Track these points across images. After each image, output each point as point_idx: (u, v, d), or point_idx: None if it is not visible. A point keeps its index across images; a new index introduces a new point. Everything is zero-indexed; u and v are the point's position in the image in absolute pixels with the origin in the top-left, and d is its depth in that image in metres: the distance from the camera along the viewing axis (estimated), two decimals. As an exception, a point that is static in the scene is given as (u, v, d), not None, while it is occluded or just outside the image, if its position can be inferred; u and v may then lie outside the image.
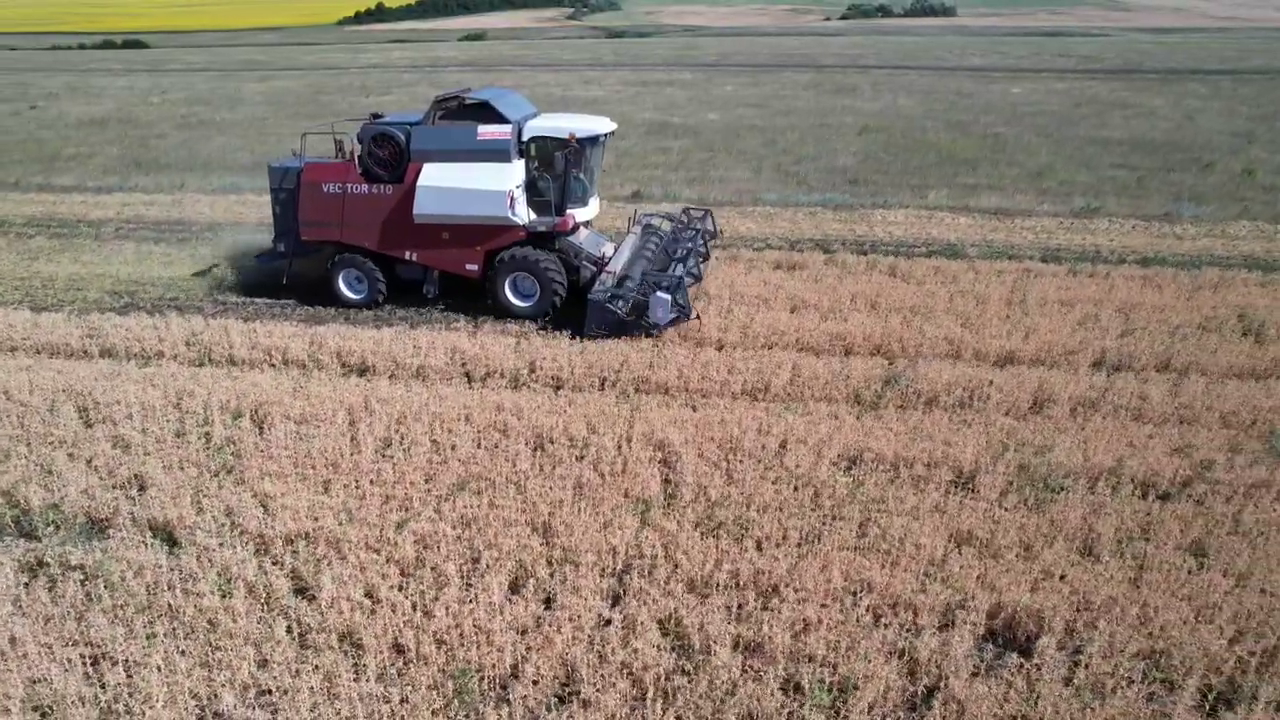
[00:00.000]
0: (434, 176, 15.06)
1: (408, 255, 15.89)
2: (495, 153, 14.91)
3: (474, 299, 16.01)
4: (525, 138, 15.10)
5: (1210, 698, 6.87)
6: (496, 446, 10.64)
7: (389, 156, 15.35)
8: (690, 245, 16.46)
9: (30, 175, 28.57)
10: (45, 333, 14.66)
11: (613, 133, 16.07)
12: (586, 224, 16.87)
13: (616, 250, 16.19)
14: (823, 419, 11.33)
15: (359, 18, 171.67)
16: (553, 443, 10.67)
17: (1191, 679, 6.93)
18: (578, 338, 14.23)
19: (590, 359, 13.24)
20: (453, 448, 10.57)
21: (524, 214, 15.24)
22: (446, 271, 16.01)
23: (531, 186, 15.30)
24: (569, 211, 15.43)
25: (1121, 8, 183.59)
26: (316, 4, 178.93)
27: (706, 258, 17.36)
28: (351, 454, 10.49)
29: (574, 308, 15.05)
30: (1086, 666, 7.01)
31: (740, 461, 10.20)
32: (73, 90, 54.48)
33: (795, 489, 9.66)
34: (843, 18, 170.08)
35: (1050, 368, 13.12)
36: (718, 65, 69.17)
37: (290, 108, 45.56)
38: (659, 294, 13.73)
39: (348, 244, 16.00)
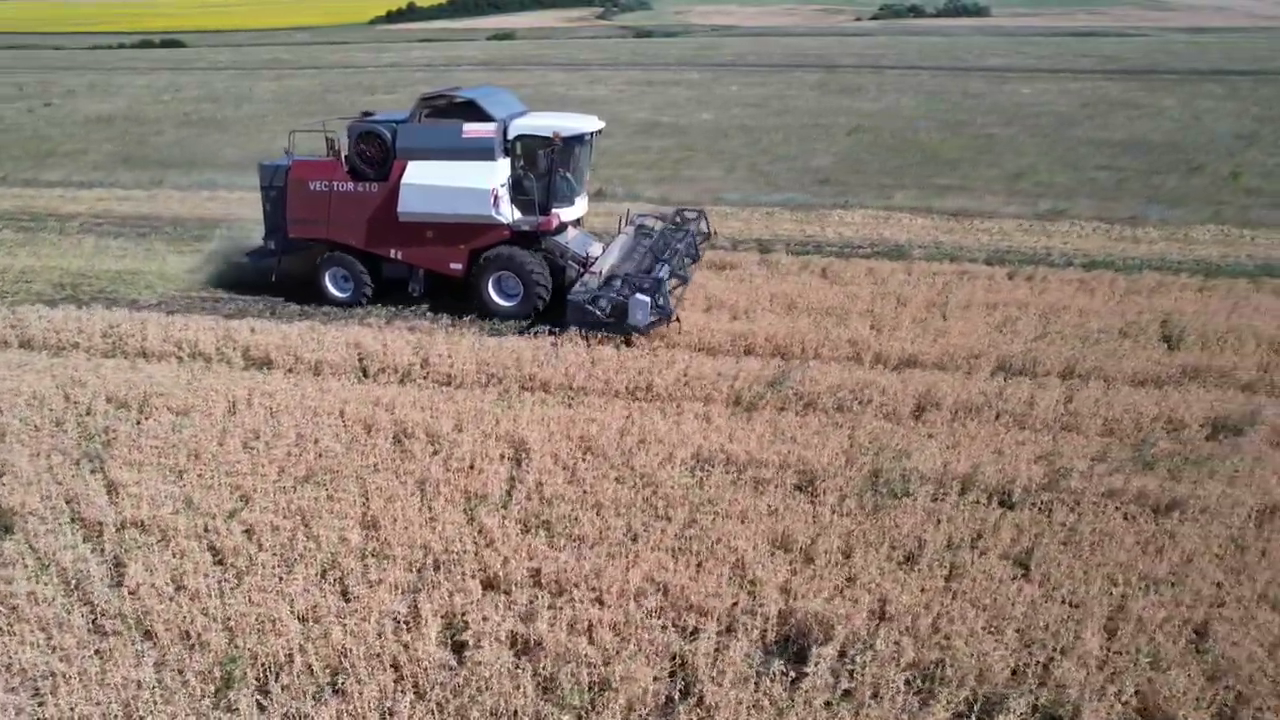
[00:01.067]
0: (418, 174, 15.07)
1: (393, 254, 15.91)
2: (479, 151, 14.87)
3: (461, 298, 15.91)
4: (510, 136, 15.03)
5: (975, 708, 6.71)
6: (357, 441, 10.74)
7: (375, 155, 15.40)
8: (679, 247, 16.35)
9: (21, 171, 29.46)
10: (-29, 323, 15.10)
11: (600, 131, 15.96)
12: (576, 223, 16.92)
13: (605, 250, 16.05)
14: (691, 419, 11.24)
15: (391, 17, 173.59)
16: (412, 438, 10.74)
17: (962, 690, 6.78)
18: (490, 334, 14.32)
19: (485, 356, 13.28)
20: (315, 441, 10.68)
21: (508, 213, 15.16)
22: (431, 270, 15.99)
23: (517, 185, 15.22)
24: (554, 211, 15.36)
25: (1162, 7, 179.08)
26: (349, 3, 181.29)
27: (696, 259, 17.24)
28: (218, 445, 10.65)
29: (559, 307, 14.80)
30: (854, 675, 6.88)
31: (589, 461, 10.17)
32: (92, 88, 55.90)
33: (635, 489, 9.60)
34: (874, 18, 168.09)
35: (949, 371, 12.87)
36: (731, 65, 68.78)
37: (295, 106, 46.22)
38: (638, 296, 13.64)
39: (334, 242, 16.05)
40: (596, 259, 15.56)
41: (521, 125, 15.09)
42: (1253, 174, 27.37)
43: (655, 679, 6.88)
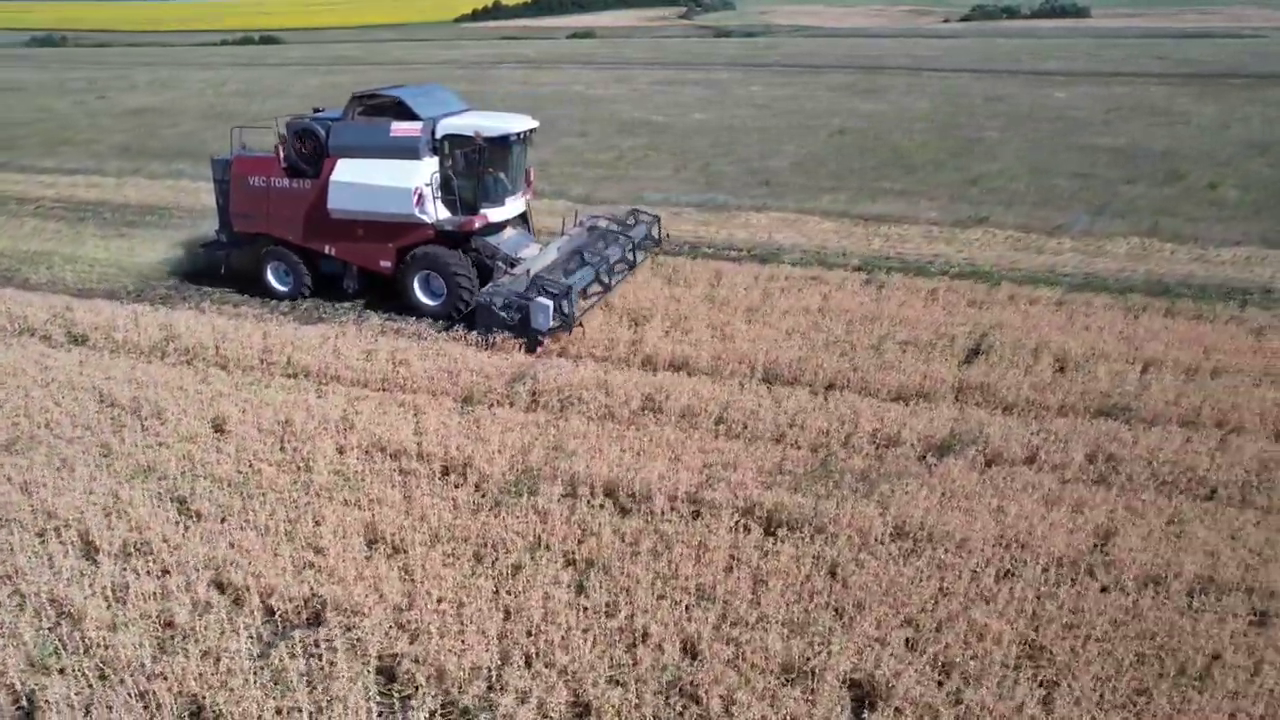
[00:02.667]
0: (346, 172, 15.13)
1: (327, 250, 16.01)
2: (405, 150, 14.87)
3: (392, 296, 15.87)
4: (439, 135, 14.97)
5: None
6: (58, 405, 11.39)
7: (310, 152, 15.59)
8: (610, 252, 16.12)
9: (27, 157, 31.85)
10: None
11: (532, 131, 15.81)
12: (521, 222, 16.98)
13: (542, 252, 15.89)
14: (398, 409, 11.44)
15: (475, 15, 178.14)
16: (116, 407, 11.40)
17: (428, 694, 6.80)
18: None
19: (279, 342, 13.75)
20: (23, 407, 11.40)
21: (433, 212, 15.00)
22: (363, 267, 16.03)
23: (445, 185, 15.13)
24: (483, 211, 15.25)
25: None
26: (442, 1, 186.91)
27: (632, 266, 16.81)
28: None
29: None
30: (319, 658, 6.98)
31: (264, 441, 10.51)
32: (153, 83, 59.65)
33: (288, 472, 9.88)
34: (965, 19, 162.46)
35: (714, 377, 12.59)
36: (774, 65, 67.96)
37: (319, 100, 48.22)
38: (539, 300, 13.39)
39: (274, 237, 16.28)
40: (523, 260, 15.47)
41: (449, 125, 15.01)
42: (1235, 185, 25.42)
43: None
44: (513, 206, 16.21)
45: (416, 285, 15.45)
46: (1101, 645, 7.24)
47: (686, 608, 7.64)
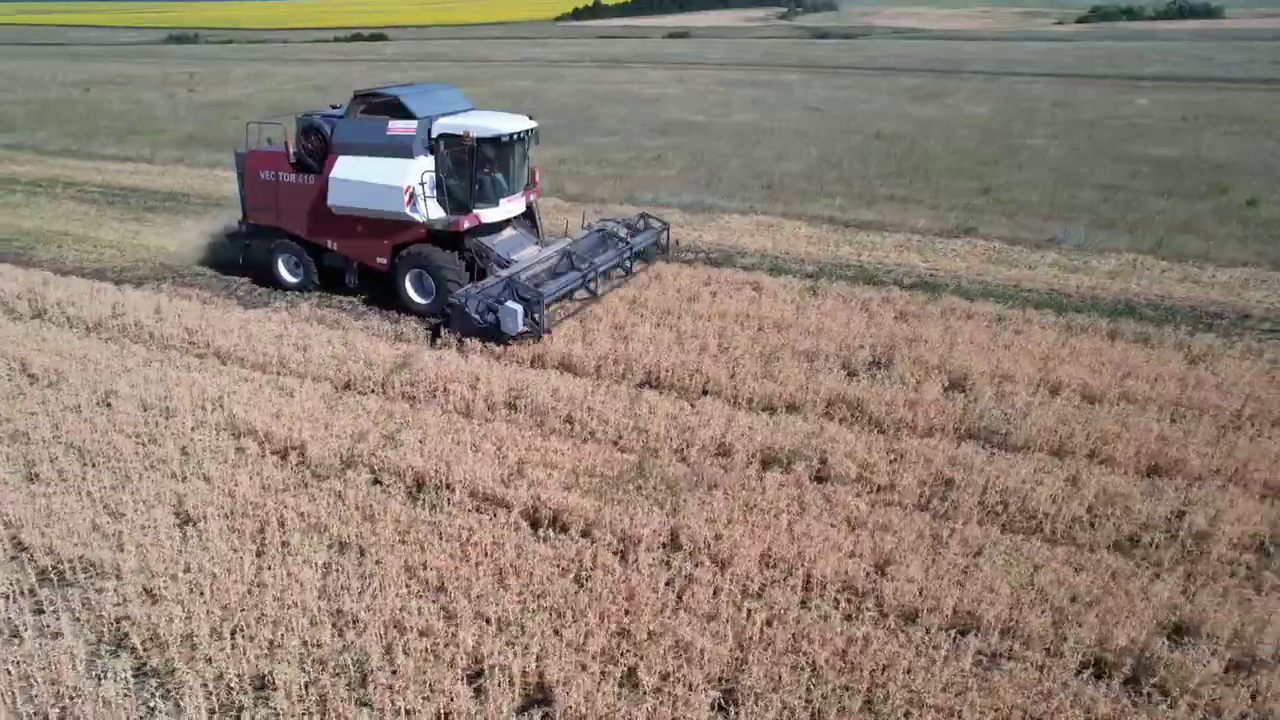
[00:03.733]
0: (344, 169, 15.33)
1: (329, 244, 16.27)
2: (399, 148, 14.91)
3: (389, 292, 15.91)
4: (434, 135, 14.95)
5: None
6: None
7: (315, 148, 15.85)
8: (599, 260, 15.77)
9: (97, 146, 34.44)
10: None
11: (529, 132, 15.53)
12: (528, 222, 16.88)
13: (540, 253, 15.82)
14: (273, 391, 11.98)
15: (576, 14, 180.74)
16: (28, 375, 12.55)
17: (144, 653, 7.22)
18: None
19: (204, 324, 14.59)
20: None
21: (425, 211, 14.92)
22: (361, 263, 16.15)
23: (438, 184, 15.07)
24: (476, 211, 15.11)
25: None
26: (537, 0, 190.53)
27: (628, 273, 16.70)
28: None
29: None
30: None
31: (137, 414, 11.22)
32: (245, 77, 63.39)
33: (140, 444, 10.51)
34: (1081, 20, 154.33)
35: (589, 378, 12.63)
36: (849, 68, 66.59)
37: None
38: (509, 305, 13.33)
39: (283, 230, 16.60)
40: (517, 261, 15.42)
41: (443, 124, 14.90)
42: (1273, 202, 23.47)
43: None
44: (510, 207, 15.87)
45: (408, 283, 15.47)
46: (799, 670, 6.98)
47: (413, 597, 7.78)
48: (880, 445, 10.61)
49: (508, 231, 16.32)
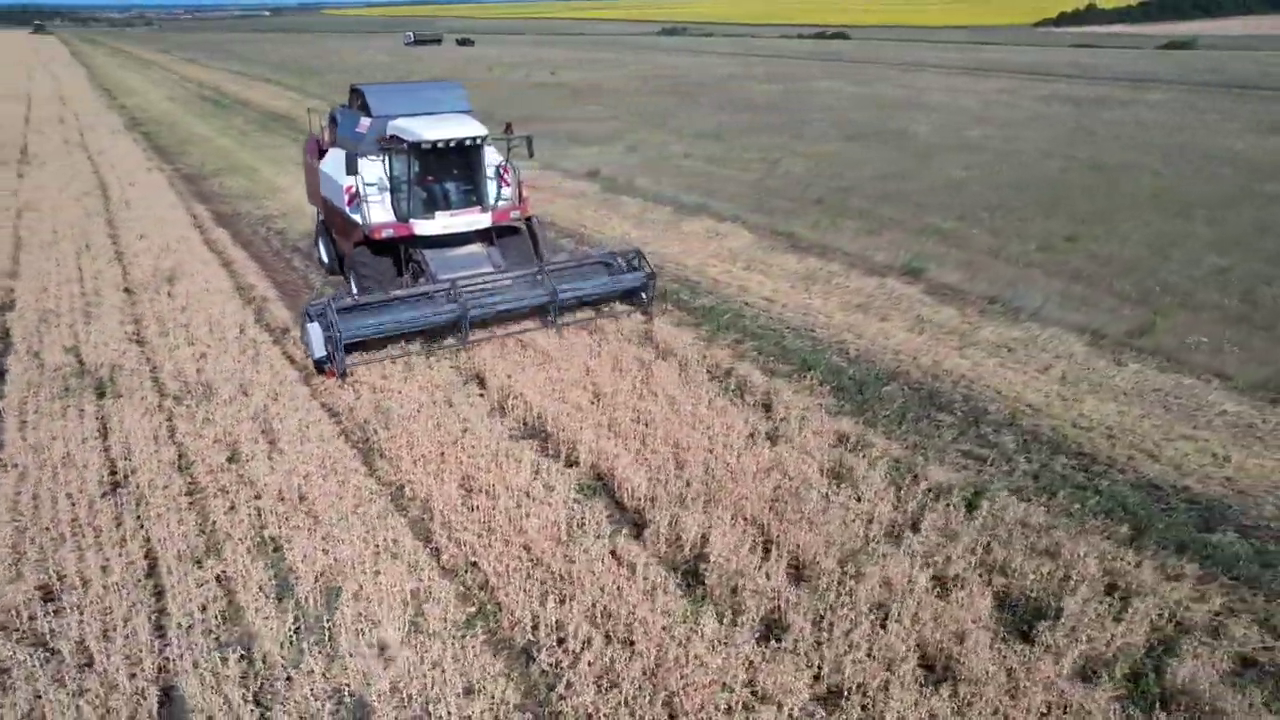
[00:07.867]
0: (328, 161, 15.27)
1: (332, 233, 15.91)
2: (356, 146, 13.79)
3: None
4: (388, 135, 13.68)
5: None
6: None
7: (330, 138, 15.99)
8: (536, 295, 13.19)
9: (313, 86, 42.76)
10: None
11: (476, 140, 13.47)
12: (520, 241, 14.74)
13: (492, 276, 13.42)
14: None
15: (1060, 19, 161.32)
16: None
17: None
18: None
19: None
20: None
21: (366, 214, 13.70)
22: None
23: (392, 188, 13.80)
24: (411, 222, 13.65)
25: None
26: (1024, 4, 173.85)
27: (554, 319, 13.28)
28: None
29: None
30: None
31: None
32: (582, 62, 70.67)
33: None
34: None
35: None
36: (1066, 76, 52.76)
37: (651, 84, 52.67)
38: (309, 325, 11.59)
39: (320, 212, 16.59)
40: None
41: (394, 126, 13.66)
42: None
43: None
44: (456, 220, 13.83)
45: (352, 285, 14.29)
46: None
47: None
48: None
49: (471, 247, 14.39)
